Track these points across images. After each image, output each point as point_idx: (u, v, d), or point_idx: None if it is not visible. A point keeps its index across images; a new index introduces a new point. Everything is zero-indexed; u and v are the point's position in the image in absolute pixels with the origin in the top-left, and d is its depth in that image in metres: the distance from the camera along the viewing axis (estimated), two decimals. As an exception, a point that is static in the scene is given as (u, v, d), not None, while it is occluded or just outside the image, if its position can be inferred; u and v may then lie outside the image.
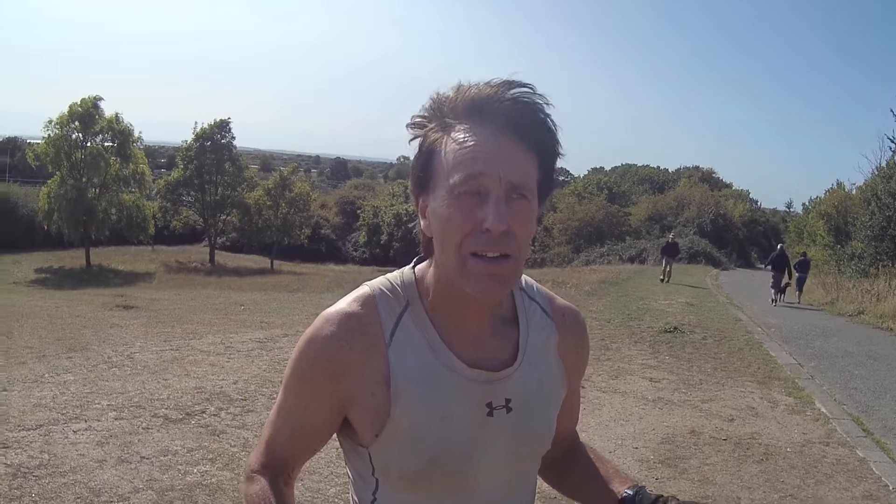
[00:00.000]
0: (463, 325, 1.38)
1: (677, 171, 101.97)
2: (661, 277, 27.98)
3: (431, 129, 1.30)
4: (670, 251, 29.10)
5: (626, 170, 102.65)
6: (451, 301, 1.35)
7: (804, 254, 32.88)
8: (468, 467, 1.37)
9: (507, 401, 1.38)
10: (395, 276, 1.43)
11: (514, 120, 1.24)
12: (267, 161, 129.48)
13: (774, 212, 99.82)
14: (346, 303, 1.38)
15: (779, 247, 28.18)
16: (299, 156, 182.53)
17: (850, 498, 5.48)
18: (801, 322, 17.58)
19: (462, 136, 1.25)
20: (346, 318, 1.35)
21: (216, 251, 53.64)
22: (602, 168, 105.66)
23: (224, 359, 8.36)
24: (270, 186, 55.75)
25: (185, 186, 53.32)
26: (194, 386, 7.00)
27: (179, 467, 4.86)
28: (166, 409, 6.18)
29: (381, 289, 1.40)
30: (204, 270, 44.21)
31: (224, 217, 55.16)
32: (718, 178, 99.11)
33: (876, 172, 35.95)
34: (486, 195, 1.22)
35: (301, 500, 4.55)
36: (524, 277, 1.49)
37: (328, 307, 1.38)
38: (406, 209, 68.33)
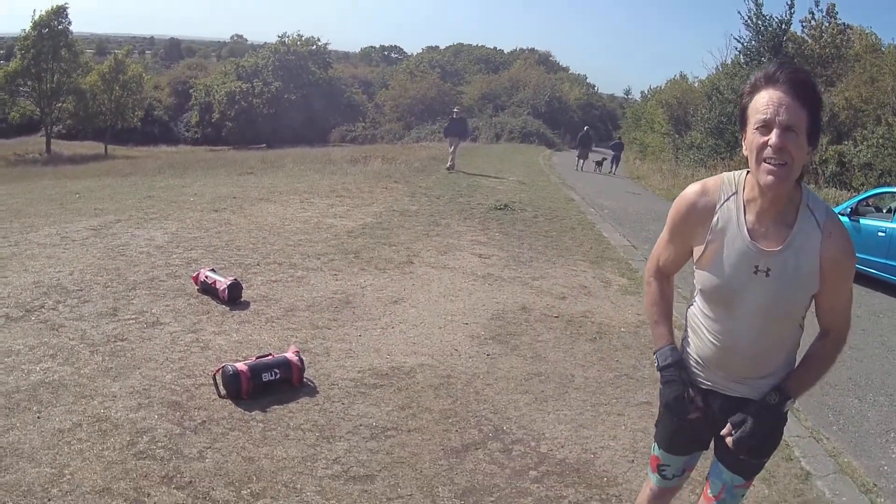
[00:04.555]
0: (760, 216, 2.25)
1: (513, 52, 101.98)
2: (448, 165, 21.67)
3: (747, 93, 2.19)
4: (453, 130, 22.45)
5: (461, 49, 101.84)
6: (755, 196, 2.24)
7: (619, 137, 40.95)
8: (734, 299, 2.30)
9: (768, 269, 2.23)
10: (740, 173, 2.33)
11: (792, 87, 2.08)
12: (102, 45, 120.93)
13: (612, 97, 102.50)
14: (711, 179, 2.38)
15: (585, 128, 33.41)
16: (134, 38, 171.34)
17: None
18: (636, 205, 18.07)
19: (760, 96, 2.13)
20: (703, 186, 2.37)
21: (52, 140, 51.31)
22: (437, 47, 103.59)
23: (60, 250, 7.96)
24: (105, 70, 53.39)
25: (23, 76, 50.56)
26: (32, 281, 6.65)
27: (23, 367, 4.69)
28: (7, 307, 5.86)
29: (728, 178, 2.35)
30: (41, 161, 41.52)
31: (60, 105, 52.50)
32: (556, 61, 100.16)
33: (720, 69, 36.91)
34: (770, 129, 2.08)
35: (138, 388, 4.53)
36: (818, 200, 2.28)
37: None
38: (238, 86, 65.73)
